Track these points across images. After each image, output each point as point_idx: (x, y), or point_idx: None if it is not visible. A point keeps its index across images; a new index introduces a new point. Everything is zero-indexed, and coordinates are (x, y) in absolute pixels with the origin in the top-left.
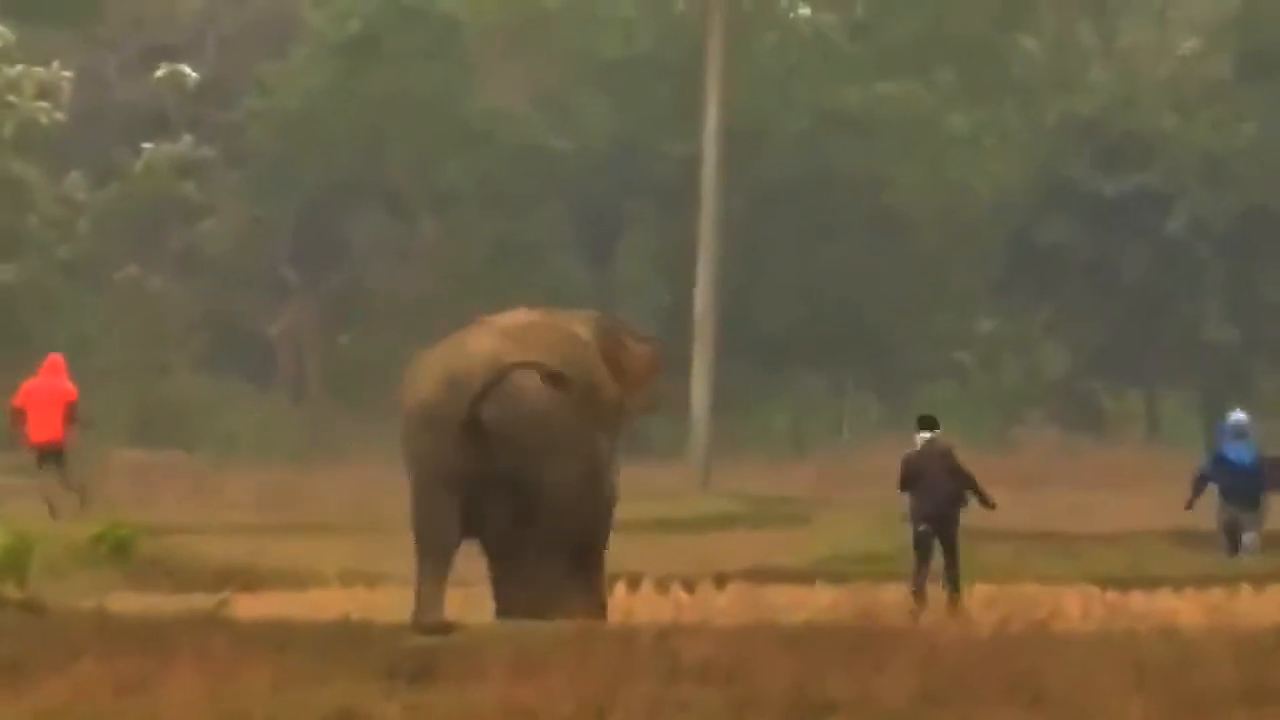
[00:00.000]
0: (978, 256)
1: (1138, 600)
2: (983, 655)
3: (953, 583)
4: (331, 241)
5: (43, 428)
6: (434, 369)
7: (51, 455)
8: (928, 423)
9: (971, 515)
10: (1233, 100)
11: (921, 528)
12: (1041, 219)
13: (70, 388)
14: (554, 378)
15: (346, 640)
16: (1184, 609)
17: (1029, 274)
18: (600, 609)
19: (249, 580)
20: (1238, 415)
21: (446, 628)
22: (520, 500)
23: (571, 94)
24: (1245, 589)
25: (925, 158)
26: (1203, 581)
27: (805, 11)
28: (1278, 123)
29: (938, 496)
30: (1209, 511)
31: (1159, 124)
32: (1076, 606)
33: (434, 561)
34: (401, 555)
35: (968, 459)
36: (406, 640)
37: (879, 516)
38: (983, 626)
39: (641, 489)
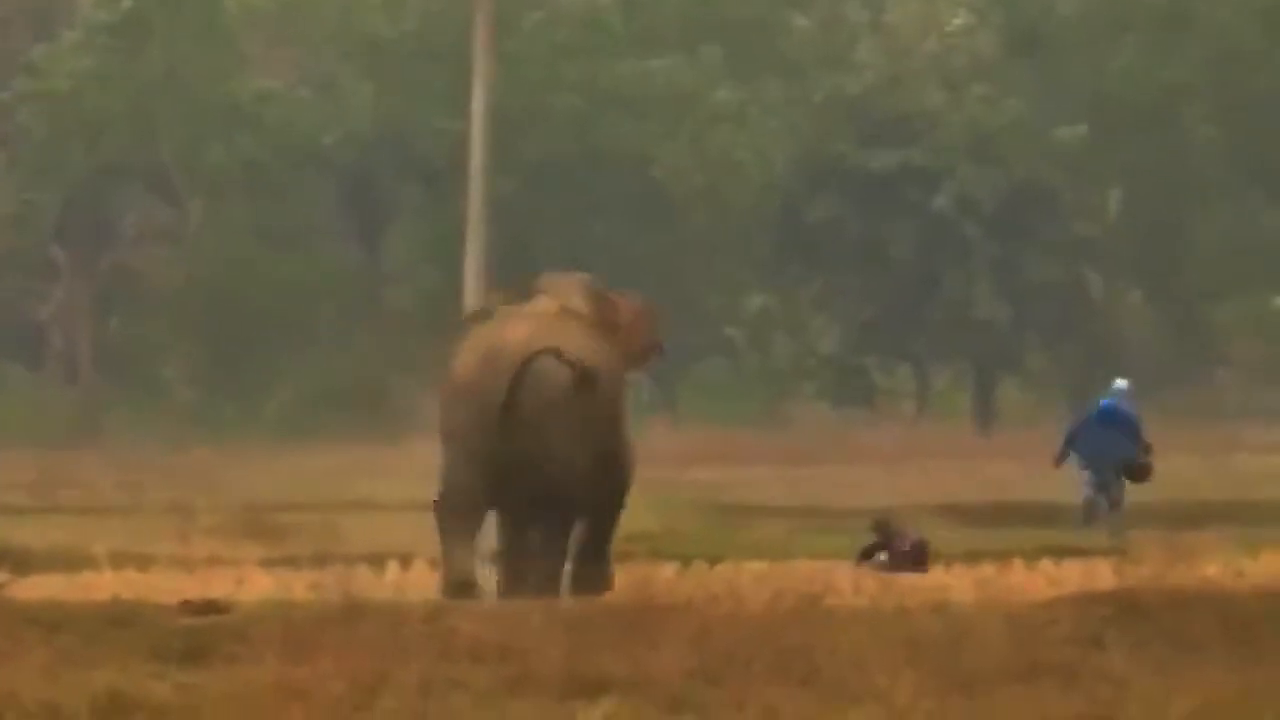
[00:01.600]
0: (747, 233)
1: (909, 576)
2: (755, 632)
3: None
4: (101, 224)
5: None
6: (476, 350)
7: None
8: None
9: (740, 492)
10: (1000, 76)
11: None
12: (810, 196)
13: None
14: (575, 365)
15: (117, 622)
16: (955, 584)
17: (798, 251)
18: (608, 581)
19: (20, 562)
20: (1121, 382)
21: (470, 587)
22: (540, 477)
23: (339, 76)
24: (1016, 564)
25: (692, 135)
26: (972, 557)
27: None
28: (1044, 99)
29: None
30: (977, 485)
31: (926, 101)
32: (848, 583)
33: (464, 526)
34: (170, 537)
35: (736, 437)
36: (177, 621)
37: (651, 496)
38: (755, 604)
39: (413, 468)
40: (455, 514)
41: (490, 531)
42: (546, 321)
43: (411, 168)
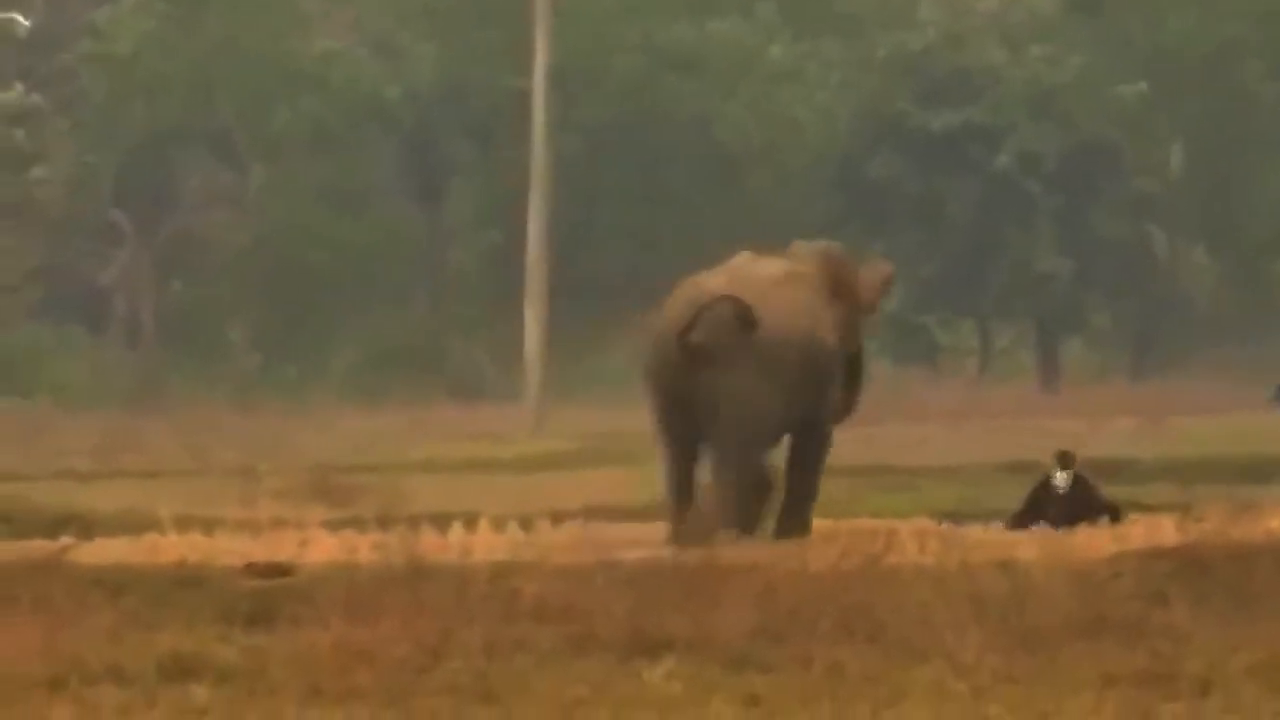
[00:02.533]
0: (808, 191)
1: (973, 533)
2: (819, 591)
3: None
4: (162, 188)
5: None
6: (677, 296)
7: None
8: None
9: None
10: (1060, 34)
11: None
12: (871, 154)
13: None
14: (743, 310)
15: (183, 584)
16: (1019, 542)
17: (860, 208)
18: (798, 527)
19: (86, 526)
20: None
21: (669, 509)
22: (713, 412)
23: (400, 37)
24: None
25: (751, 94)
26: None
27: None
28: (1104, 56)
29: None
30: (1041, 442)
31: (987, 58)
32: (912, 541)
33: (675, 457)
34: (235, 500)
35: None
36: (242, 584)
37: None
38: (819, 562)
39: (476, 430)
40: (659, 443)
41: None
42: (744, 274)
43: (472, 127)
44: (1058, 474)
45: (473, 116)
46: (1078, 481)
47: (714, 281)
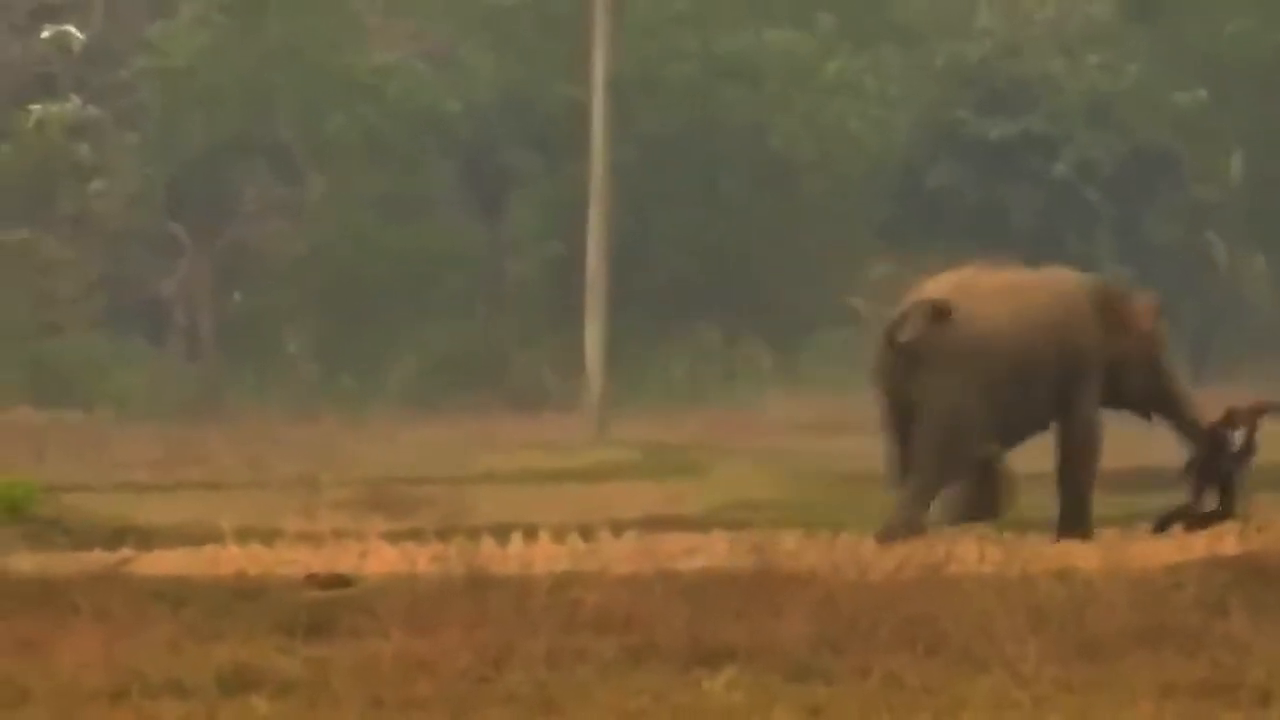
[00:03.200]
0: (866, 201)
1: (1034, 542)
2: (879, 600)
3: None
4: (221, 199)
5: None
6: (904, 301)
7: None
8: None
9: (863, 461)
10: (1116, 41)
11: None
12: (929, 163)
13: None
14: (940, 312)
15: (243, 596)
16: (1079, 550)
17: (918, 218)
18: (1071, 532)
19: (146, 537)
20: None
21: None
22: (919, 414)
23: (458, 47)
24: (1140, 529)
25: (806, 104)
26: (1098, 522)
27: None
28: (1162, 62)
29: None
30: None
31: (1045, 67)
32: (972, 550)
33: (898, 456)
34: (295, 511)
35: (854, 402)
36: (302, 595)
37: (775, 465)
38: (879, 571)
39: (537, 441)
40: (885, 440)
41: None
42: (967, 280)
43: (531, 138)
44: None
45: (532, 127)
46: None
47: (932, 285)
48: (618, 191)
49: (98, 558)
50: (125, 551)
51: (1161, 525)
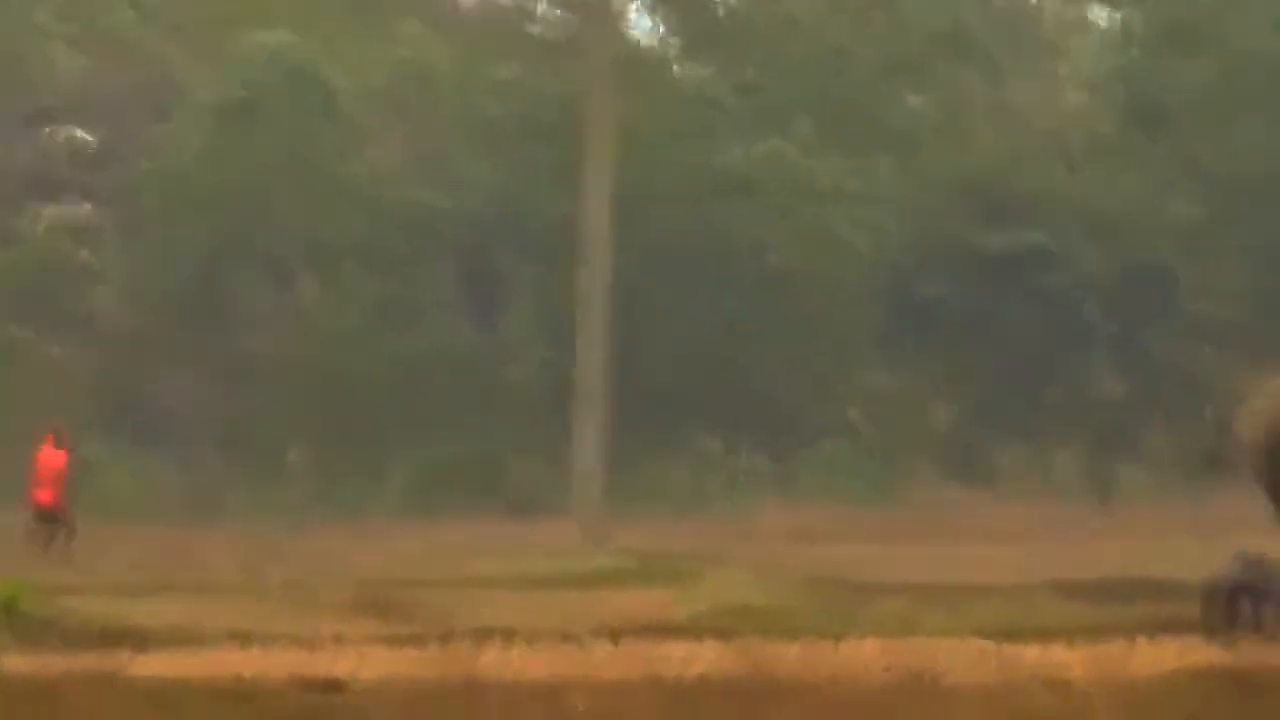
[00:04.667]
0: (862, 312)
1: (1031, 653)
2: (873, 710)
3: None
4: (217, 303)
5: None
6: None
7: None
8: None
9: (861, 570)
10: (1118, 153)
11: None
12: (925, 274)
13: None
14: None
15: (237, 700)
16: (1076, 661)
17: (914, 329)
18: None
19: (140, 640)
20: None
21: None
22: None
23: (453, 154)
24: (1139, 640)
25: (800, 215)
26: (1094, 633)
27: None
28: (1164, 174)
29: None
30: (1096, 563)
31: (1045, 181)
32: (968, 660)
33: None
34: (291, 615)
35: (857, 516)
36: (297, 699)
37: (770, 573)
38: (871, 681)
39: (532, 546)
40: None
41: None
42: None
43: (527, 245)
44: None
45: (527, 234)
46: None
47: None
48: (613, 299)
49: (91, 660)
50: (119, 654)
51: None
